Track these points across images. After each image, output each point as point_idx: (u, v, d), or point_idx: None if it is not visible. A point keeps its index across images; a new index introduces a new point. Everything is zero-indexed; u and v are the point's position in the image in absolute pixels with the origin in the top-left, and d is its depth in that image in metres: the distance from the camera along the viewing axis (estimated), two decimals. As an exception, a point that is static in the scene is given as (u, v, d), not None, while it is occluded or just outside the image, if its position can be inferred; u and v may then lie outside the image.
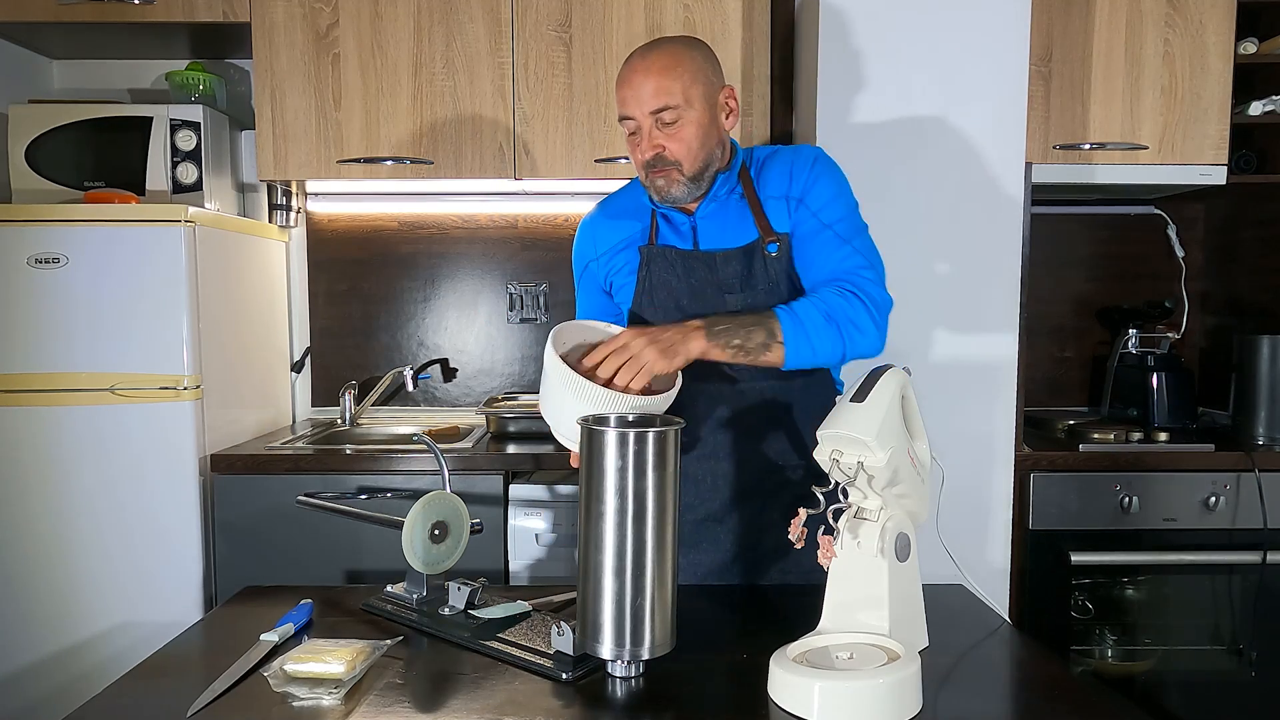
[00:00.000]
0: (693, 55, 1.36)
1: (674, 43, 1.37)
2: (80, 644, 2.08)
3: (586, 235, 1.55)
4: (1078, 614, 2.18)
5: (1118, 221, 2.73)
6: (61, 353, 2.06)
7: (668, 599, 1.05)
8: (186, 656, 1.17)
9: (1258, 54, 2.34)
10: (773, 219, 1.41)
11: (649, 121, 1.34)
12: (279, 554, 2.10)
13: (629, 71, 1.36)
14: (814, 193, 1.39)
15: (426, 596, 1.27)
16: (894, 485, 1.12)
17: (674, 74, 1.33)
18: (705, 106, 1.36)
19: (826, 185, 1.40)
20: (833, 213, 1.38)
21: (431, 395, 2.75)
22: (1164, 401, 2.37)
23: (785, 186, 1.41)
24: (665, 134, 1.35)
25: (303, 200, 2.69)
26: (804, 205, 1.39)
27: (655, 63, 1.34)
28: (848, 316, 1.29)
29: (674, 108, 1.33)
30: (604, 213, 1.55)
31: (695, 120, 1.35)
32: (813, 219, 1.38)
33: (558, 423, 1.24)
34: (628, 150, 1.42)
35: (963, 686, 1.08)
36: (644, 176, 1.40)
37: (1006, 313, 2.04)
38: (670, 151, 1.35)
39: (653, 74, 1.33)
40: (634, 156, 1.40)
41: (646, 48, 1.37)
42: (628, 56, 1.39)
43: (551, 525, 2.10)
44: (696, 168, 1.37)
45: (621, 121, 1.38)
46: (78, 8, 2.27)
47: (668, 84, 1.33)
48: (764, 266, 1.39)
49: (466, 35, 2.30)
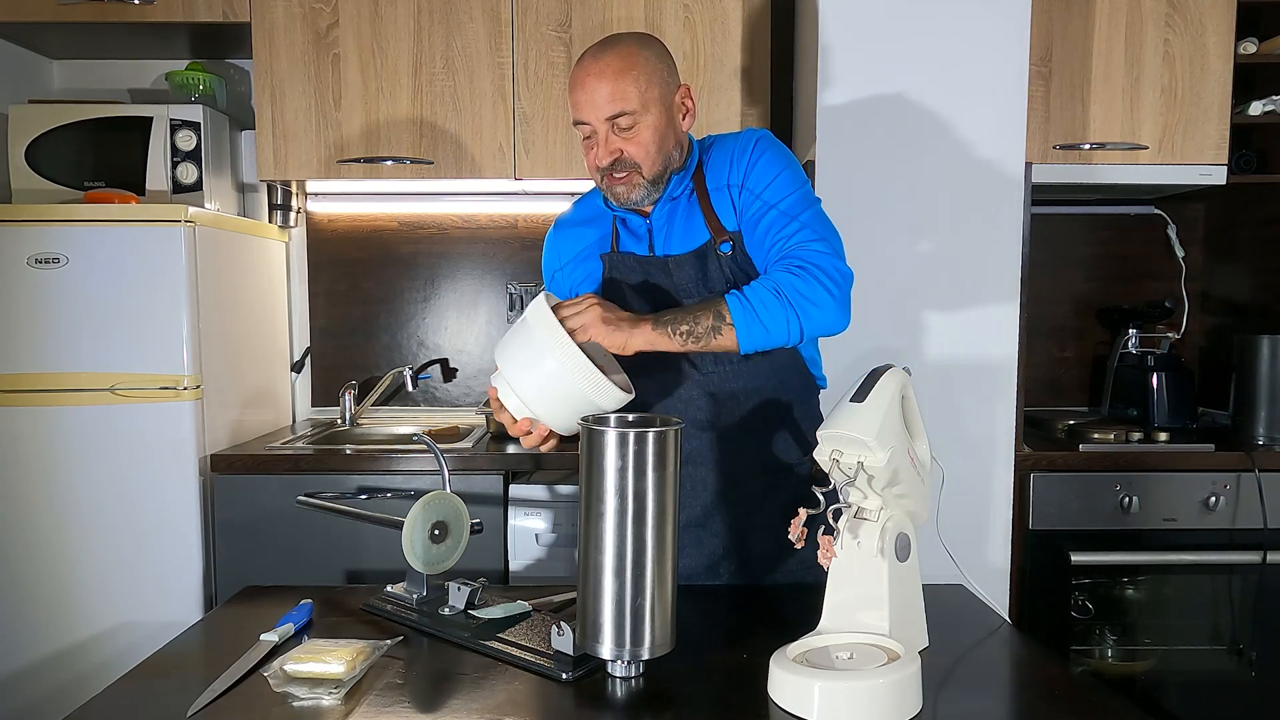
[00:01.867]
0: (647, 56, 1.33)
1: (626, 42, 1.33)
2: (80, 644, 2.08)
3: (551, 247, 1.54)
4: (1078, 614, 2.18)
5: (1118, 221, 2.73)
6: (61, 353, 2.06)
7: (668, 599, 1.05)
8: (186, 656, 1.17)
9: (1258, 54, 2.34)
10: (721, 213, 1.38)
11: (605, 127, 1.32)
12: (279, 554, 2.10)
13: (582, 74, 1.32)
14: (755, 175, 1.36)
15: (426, 596, 1.27)
16: (894, 485, 1.12)
17: (629, 77, 1.30)
18: (662, 109, 1.33)
19: (768, 166, 1.36)
20: (776, 192, 1.34)
21: (431, 395, 2.75)
22: (1164, 401, 2.37)
23: (727, 174, 1.39)
24: (622, 138, 1.32)
25: (303, 200, 2.69)
26: (747, 190, 1.36)
27: (609, 66, 1.30)
28: (798, 291, 1.23)
29: (630, 113, 1.30)
30: (566, 222, 1.54)
31: (652, 124, 1.32)
32: (756, 201, 1.35)
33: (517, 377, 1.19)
34: (583, 155, 1.39)
35: (963, 686, 1.08)
36: (601, 182, 1.38)
37: (1006, 313, 2.04)
38: (629, 154, 1.33)
39: (606, 78, 1.30)
40: (589, 161, 1.37)
41: (598, 48, 1.33)
42: (579, 57, 1.35)
43: (551, 525, 2.09)
44: (655, 171, 1.35)
45: (577, 126, 1.35)
46: (78, 8, 2.27)
47: (623, 88, 1.30)
48: (719, 267, 1.36)
49: (466, 35, 2.30)
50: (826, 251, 1.27)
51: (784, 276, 1.25)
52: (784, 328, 1.24)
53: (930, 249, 2.02)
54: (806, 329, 1.25)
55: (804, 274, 1.25)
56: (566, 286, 1.53)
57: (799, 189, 1.35)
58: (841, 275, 1.27)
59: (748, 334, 1.23)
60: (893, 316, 2.01)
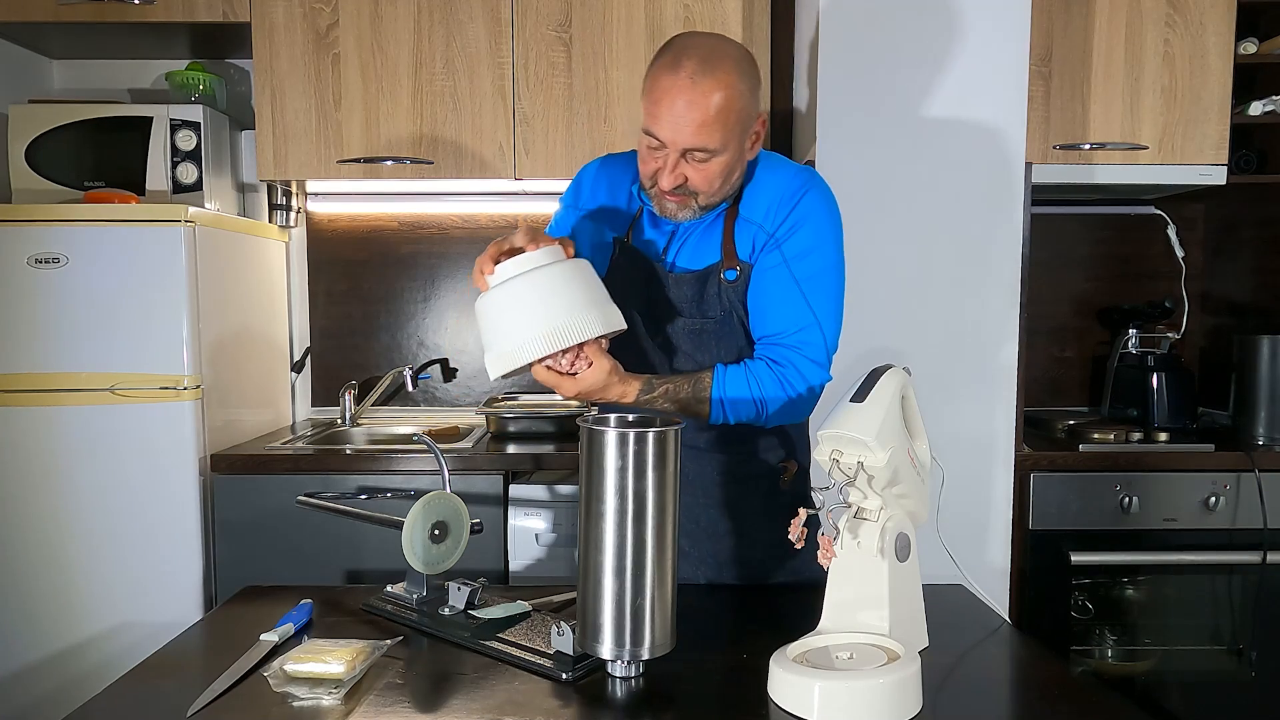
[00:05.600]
0: (742, 90, 1.25)
1: (727, 69, 1.23)
2: (80, 644, 2.08)
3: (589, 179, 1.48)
4: (1078, 614, 2.18)
5: (1118, 221, 2.73)
6: (61, 353, 2.06)
7: (668, 599, 1.05)
8: (186, 656, 1.17)
9: (1258, 54, 2.34)
10: (740, 242, 1.34)
11: (678, 153, 1.25)
12: (279, 554, 2.10)
13: (673, 91, 1.21)
14: (793, 239, 1.31)
15: (426, 596, 1.27)
16: (894, 485, 1.12)
17: (722, 117, 1.22)
18: (738, 145, 1.27)
19: (807, 235, 1.31)
20: (805, 267, 1.31)
21: (431, 395, 2.75)
22: (1164, 401, 2.37)
23: (763, 214, 1.33)
24: (692, 167, 1.26)
25: (303, 200, 2.69)
26: (778, 244, 1.32)
27: (705, 97, 1.21)
28: (778, 405, 1.30)
29: (710, 151, 1.24)
30: (614, 164, 1.48)
31: (725, 161, 1.27)
32: (782, 266, 1.32)
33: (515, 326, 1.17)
34: (640, 156, 1.31)
35: (963, 686, 1.08)
36: (655, 194, 1.31)
37: (1006, 313, 2.04)
38: (693, 183, 1.27)
39: (699, 109, 1.21)
40: (646, 168, 1.30)
41: (699, 69, 1.21)
42: (672, 62, 1.23)
43: (551, 525, 2.09)
44: (713, 201, 1.32)
45: (645, 134, 1.26)
46: (78, 8, 2.27)
47: (712, 127, 1.22)
48: (718, 292, 1.35)
49: (466, 35, 2.30)
50: (821, 365, 1.32)
51: (771, 386, 1.30)
52: (749, 422, 1.33)
53: (930, 249, 2.02)
54: (768, 425, 1.35)
55: (790, 389, 1.30)
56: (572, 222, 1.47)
57: (826, 266, 1.33)
58: (821, 385, 1.33)
59: (716, 419, 1.32)
60: (893, 316, 2.01)
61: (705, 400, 1.30)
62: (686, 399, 1.29)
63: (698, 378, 1.30)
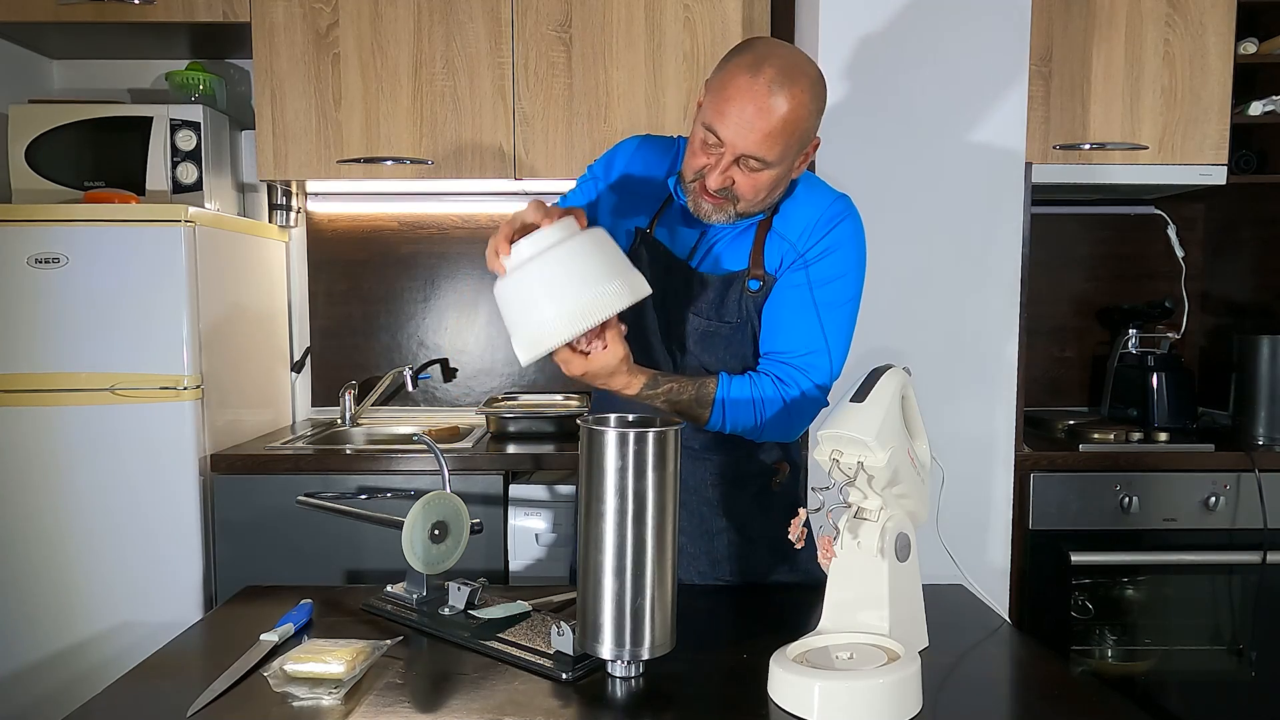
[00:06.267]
0: (812, 111, 1.25)
1: (803, 85, 1.22)
2: (80, 644, 2.08)
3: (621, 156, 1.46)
4: (1078, 614, 2.18)
5: (1118, 221, 2.73)
6: (61, 353, 2.06)
7: (668, 599, 1.05)
8: (186, 656, 1.17)
9: (1258, 54, 2.34)
10: (769, 254, 1.35)
11: (733, 155, 1.23)
12: (279, 554, 2.10)
13: (747, 94, 1.20)
14: (821, 263, 1.33)
15: (426, 596, 1.27)
16: (894, 485, 1.12)
17: (788, 132, 1.22)
18: (790, 163, 1.27)
19: (836, 263, 1.33)
20: (827, 293, 1.33)
21: (431, 395, 2.75)
22: (1164, 401, 2.37)
23: (796, 233, 1.34)
24: (742, 173, 1.25)
25: (303, 200, 2.69)
26: (805, 264, 1.33)
27: (777, 110, 1.20)
28: (774, 426, 1.31)
29: (766, 163, 1.24)
30: (652, 146, 1.46)
31: (774, 175, 1.26)
32: (805, 287, 1.33)
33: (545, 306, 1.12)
34: (690, 148, 1.29)
35: (963, 686, 1.08)
36: (694, 190, 1.29)
37: (1006, 313, 2.04)
38: (739, 189, 1.26)
39: (769, 120, 1.20)
40: (695, 161, 1.28)
41: (778, 79, 1.20)
42: (753, 64, 1.21)
43: (551, 525, 2.09)
44: (751, 210, 1.31)
45: (705, 127, 1.24)
46: (78, 8, 2.27)
47: (776, 140, 1.22)
48: (739, 299, 1.35)
49: (466, 35, 2.30)
50: (823, 389, 1.33)
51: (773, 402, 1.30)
52: (742, 434, 1.33)
53: (930, 249, 2.02)
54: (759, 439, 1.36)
55: (790, 409, 1.31)
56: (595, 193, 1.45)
57: (847, 298, 1.35)
58: (815, 414, 1.34)
59: (713, 426, 1.32)
60: (893, 316, 2.01)
61: (708, 405, 1.29)
62: (688, 401, 1.29)
63: (701, 382, 1.30)
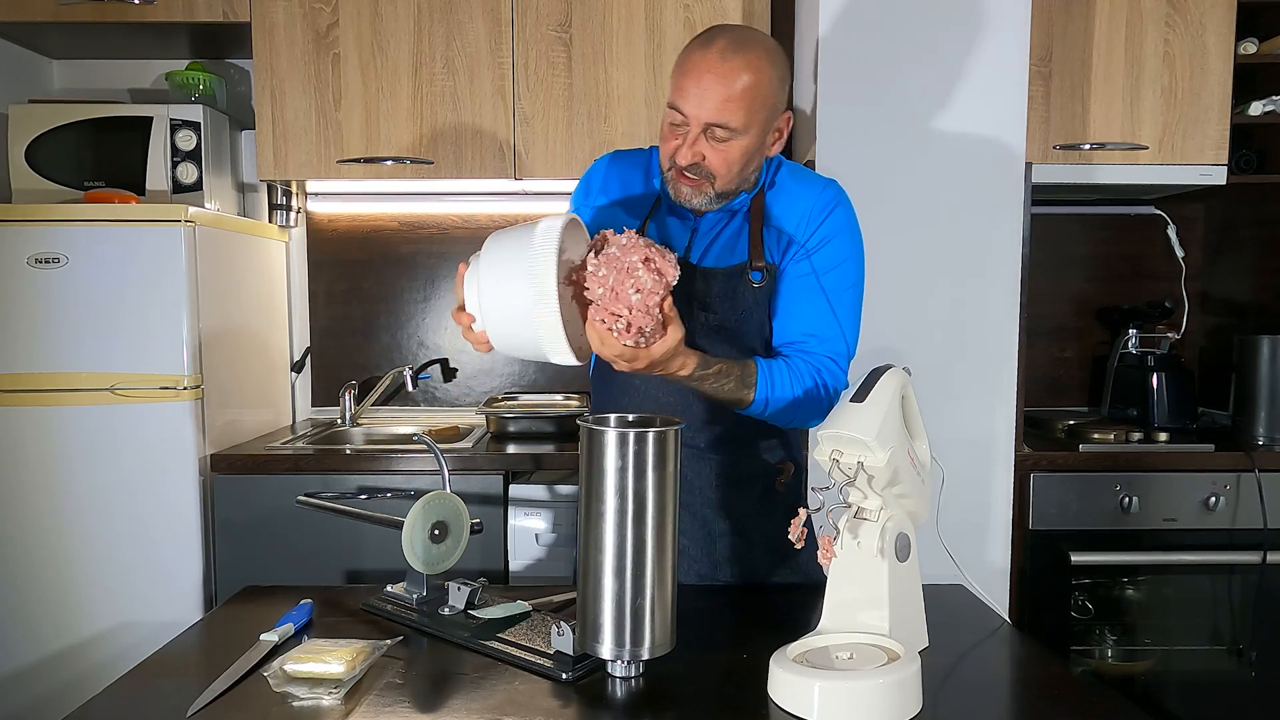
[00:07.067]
0: (771, 77, 1.26)
1: (758, 52, 1.25)
2: (80, 644, 2.08)
3: (599, 174, 1.48)
4: (1078, 614, 2.18)
5: (1118, 221, 2.73)
6: (61, 353, 2.06)
7: (668, 599, 1.05)
8: (186, 656, 1.17)
9: (1258, 54, 2.34)
10: (768, 245, 1.36)
11: (699, 129, 1.25)
12: (279, 554, 2.10)
13: (702, 66, 1.23)
14: (824, 251, 1.34)
15: (426, 596, 1.27)
16: (894, 485, 1.12)
17: (747, 96, 1.23)
18: (759, 132, 1.28)
19: (838, 248, 1.35)
20: (835, 280, 1.34)
21: (431, 395, 2.75)
22: (1164, 401, 2.37)
23: (793, 224, 1.36)
24: (710, 146, 1.26)
25: (303, 200, 2.69)
26: (808, 255, 1.35)
27: (734, 73, 1.22)
28: (808, 410, 1.30)
29: (732, 129, 1.24)
30: (626, 159, 1.48)
31: (744, 145, 1.27)
32: (812, 276, 1.34)
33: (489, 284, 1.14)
34: (661, 136, 1.32)
35: (963, 686, 1.08)
36: (671, 177, 1.32)
37: (1006, 313, 2.04)
38: (710, 164, 1.27)
39: (725, 84, 1.22)
40: (666, 147, 1.30)
41: (730, 46, 1.24)
42: (705, 39, 1.26)
43: (551, 525, 2.09)
44: (730, 187, 1.32)
45: (670, 108, 1.27)
46: (78, 8, 2.27)
47: (737, 104, 1.23)
48: (743, 292, 1.35)
49: (466, 35, 2.30)
50: (845, 373, 1.35)
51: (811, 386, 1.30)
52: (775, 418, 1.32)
53: (930, 249, 2.02)
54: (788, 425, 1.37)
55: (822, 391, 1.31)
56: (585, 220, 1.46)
57: (853, 282, 1.37)
58: (838, 397, 1.33)
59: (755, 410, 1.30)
60: (893, 316, 2.01)
61: (751, 386, 1.27)
62: (734, 382, 1.26)
63: (744, 364, 1.28)
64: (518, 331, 1.13)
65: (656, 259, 1.10)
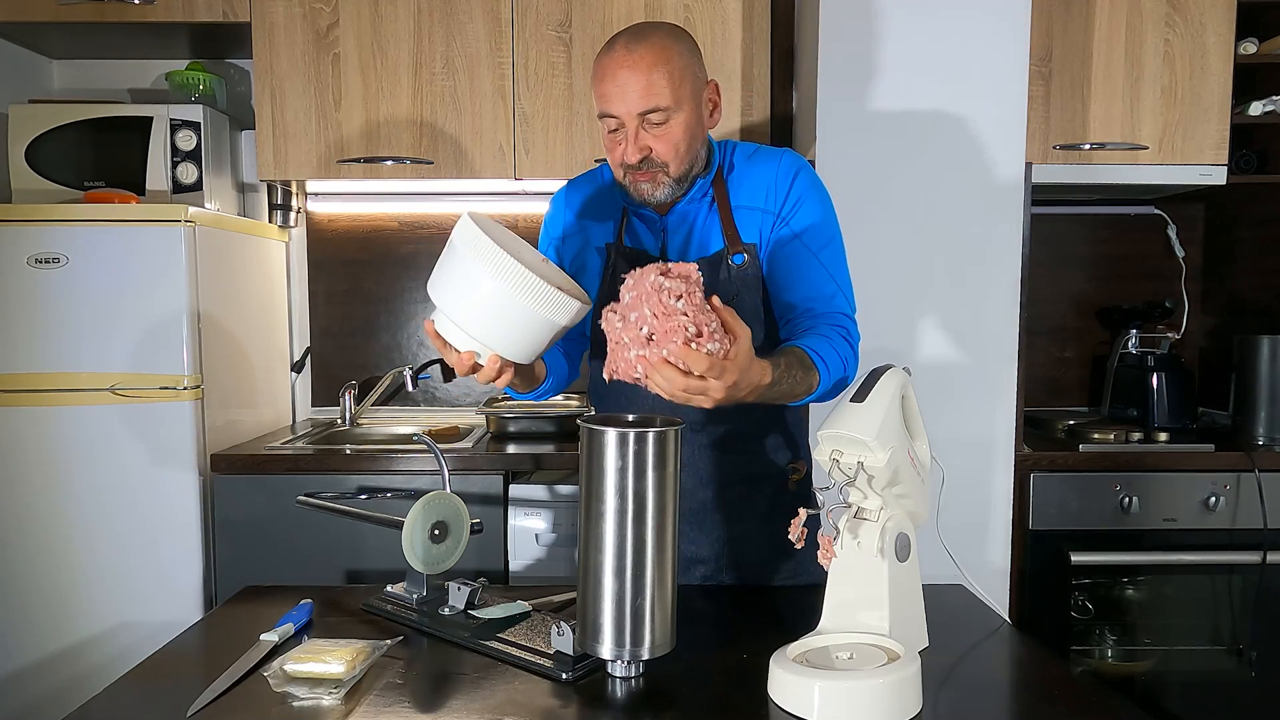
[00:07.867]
0: (679, 50, 1.28)
1: (659, 34, 1.28)
2: (80, 644, 2.08)
3: (561, 206, 1.50)
4: (1078, 614, 2.18)
5: (1118, 221, 2.73)
6: (61, 353, 2.06)
7: (668, 599, 1.05)
8: (186, 656, 1.17)
9: (1258, 54, 2.34)
10: (742, 227, 1.36)
11: (635, 123, 1.27)
12: (279, 554, 2.10)
13: (612, 65, 1.26)
14: (798, 214, 1.35)
15: (426, 596, 1.27)
16: (894, 485, 1.12)
17: (663, 72, 1.25)
18: (693, 106, 1.29)
19: (811, 208, 1.36)
20: (815, 238, 1.35)
21: (431, 395, 2.75)
22: (1164, 401, 2.37)
23: (762, 199, 1.37)
24: (653, 135, 1.28)
25: (303, 200, 2.69)
26: (784, 223, 1.35)
27: (643, 59, 1.25)
28: (851, 367, 1.29)
29: (664, 109, 1.26)
30: (581, 184, 1.50)
31: (684, 122, 1.28)
32: (794, 241, 1.35)
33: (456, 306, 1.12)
34: (605, 148, 1.33)
35: (963, 686, 1.08)
36: (624, 177, 1.33)
37: (1006, 313, 2.04)
38: (658, 153, 1.28)
39: (640, 71, 1.24)
40: (613, 156, 1.32)
41: (631, 40, 1.27)
42: (608, 45, 1.29)
43: (551, 525, 2.09)
44: (682, 170, 1.32)
45: (601, 119, 1.30)
46: (78, 8, 2.27)
47: (658, 83, 1.25)
48: (728, 278, 1.35)
49: (466, 35, 2.30)
50: (852, 316, 1.35)
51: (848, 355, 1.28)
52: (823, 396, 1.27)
53: (930, 249, 2.02)
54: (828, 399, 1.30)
55: (855, 354, 1.30)
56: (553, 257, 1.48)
57: (833, 236, 1.38)
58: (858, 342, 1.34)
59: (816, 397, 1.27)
60: (893, 316, 2.01)
61: (811, 367, 1.23)
62: (800, 369, 1.21)
63: (786, 350, 1.23)
64: (517, 317, 1.12)
65: (671, 268, 1.07)
